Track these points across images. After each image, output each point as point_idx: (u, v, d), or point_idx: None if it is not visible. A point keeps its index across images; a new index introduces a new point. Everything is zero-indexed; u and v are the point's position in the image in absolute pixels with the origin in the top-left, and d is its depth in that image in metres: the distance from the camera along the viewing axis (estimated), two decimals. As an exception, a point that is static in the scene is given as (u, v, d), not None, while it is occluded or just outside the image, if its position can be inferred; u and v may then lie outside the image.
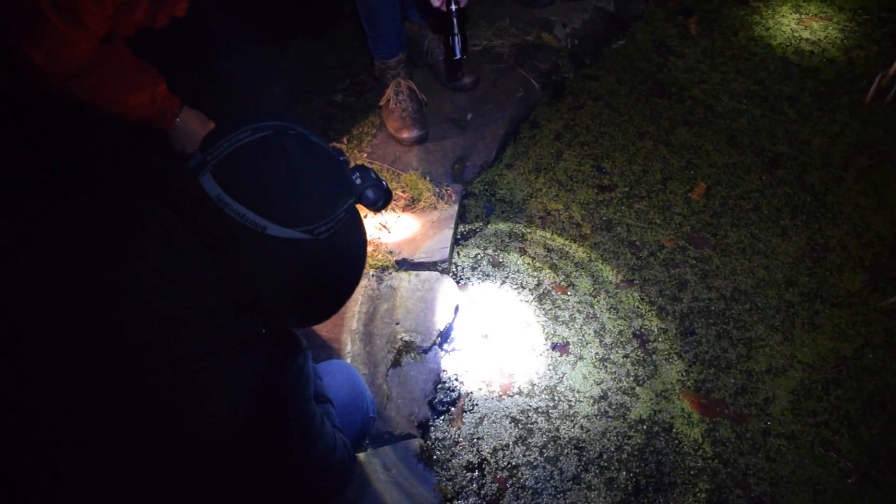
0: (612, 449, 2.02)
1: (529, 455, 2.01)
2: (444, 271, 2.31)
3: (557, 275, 2.38)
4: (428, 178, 2.49)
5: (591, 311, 2.30)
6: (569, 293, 2.34)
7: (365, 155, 2.60)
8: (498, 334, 2.25)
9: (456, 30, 2.24)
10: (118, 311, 1.02)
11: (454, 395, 2.12)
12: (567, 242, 2.47)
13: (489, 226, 2.53)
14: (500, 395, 2.12)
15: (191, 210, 1.04)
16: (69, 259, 1.05)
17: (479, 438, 2.04)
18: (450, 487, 1.94)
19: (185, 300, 1.03)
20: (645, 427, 2.06)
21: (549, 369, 2.17)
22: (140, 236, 1.04)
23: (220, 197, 1.01)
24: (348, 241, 1.14)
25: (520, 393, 2.12)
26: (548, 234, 2.49)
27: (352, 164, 1.19)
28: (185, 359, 1.03)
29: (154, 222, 1.05)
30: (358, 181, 1.17)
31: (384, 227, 2.37)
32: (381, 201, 1.21)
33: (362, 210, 1.23)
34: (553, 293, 2.34)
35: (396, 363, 2.09)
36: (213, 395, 1.06)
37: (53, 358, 1.03)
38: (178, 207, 1.05)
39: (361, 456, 1.89)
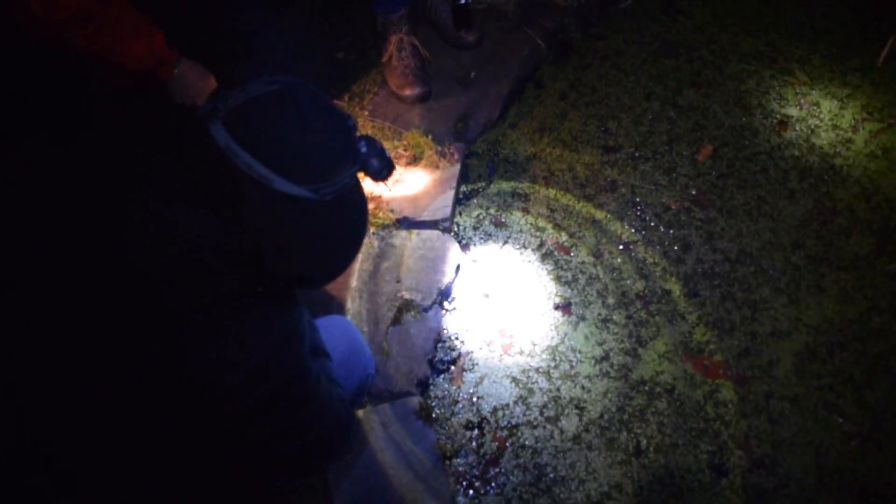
0: (614, 409, 2.00)
1: (529, 414, 1.99)
2: (446, 230, 2.28)
3: (560, 235, 2.35)
4: (430, 137, 2.45)
5: (594, 272, 2.27)
6: (572, 253, 2.31)
7: (366, 112, 2.55)
8: (499, 294, 2.22)
9: None
10: (114, 260, 1.00)
11: (454, 353, 2.10)
12: (571, 203, 2.43)
13: (492, 185, 2.49)
14: (501, 355, 2.10)
15: (196, 159, 1.02)
16: (64, 206, 1.03)
17: (478, 397, 2.03)
18: (449, 445, 1.93)
19: (182, 253, 1.01)
20: (647, 388, 2.04)
21: (551, 329, 2.15)
22: (138, 185, 1.02)
23: (228, 146, 0.98)
24: (351, 207, 1.13)
25: (521, 353, 2.10)
26: (551, 195, 2.45)
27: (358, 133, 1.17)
28: (181, 312, 1.02)
29: (153, 172, 1.02)
30: (364, 149, 1.15)
31: (385, 184, 2.33)
32: (384, 171, 1.19)
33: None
34: (556, 253, 2.31)
35: (397, 321, 2.07)
36: (207, 349, 1.05)
37: (44, 307, 1.02)
38: (181, 156, 1.03)
39: (360, 412, 1.88)
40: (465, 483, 1.88)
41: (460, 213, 2.41)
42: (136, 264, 1.00)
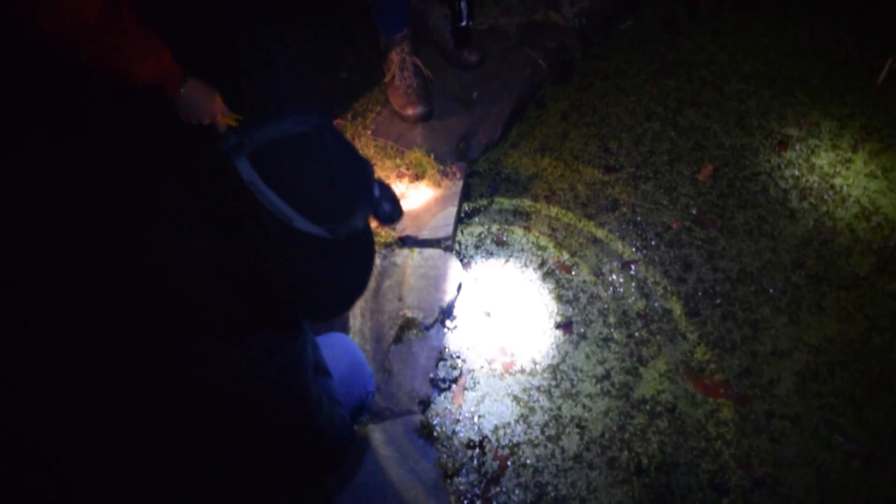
0: (615, 428, 2.00)
1: (531, 433, 2.00)
2: (448, 249, 2.29)
3: (562, 254, 2.36)
4: (432, 156, 2.47)
5: (595, 291, 2.28)
6: (573, 272, 2.32)
7: (369, 131, 2.57)
8: (501, 312, 2.23)
9: None
10: (121, 275, 1.01)
11: (456, 372, 2.11)
12: (572, 222, 2.45)
13: (493, 204, 2.51)
14: (502, 374, 2.10)
15: (214, 188, 1.02)
16: (71, 213, 1.03)
17: (480, 416, 2.03)
18: (450, 464, 1.93)
19: (190, 273, 1.02)
20: (648, 407, 2.04)
21: (552, 348, 2.15)
22: (149, 201, 1.02)
23: (253, 182, 0.99)
24: (361, 247, 1.15)
25: (522, 371, 2.11)
26: (552, 214, 2.47)
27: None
28: (186, 332, 1.03)
29: (165, 189, 1.03)
30: (377, 192, 1.18)
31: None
32: (394, 215, 1.25)
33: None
34: (557, 272, 2.32)
35: (399, 339, 2.08)
36: (211, 372, 1.06)
37: (48, 315, 1.02)
38: (197, 181, 1.04)
39: (361, 430, 1.88)
40: (466, 502, 1.88)
41: (462, 232, 2.42)
42: (144, 281, 1.01)
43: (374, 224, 2.30)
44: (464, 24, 2.26)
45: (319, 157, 1.03)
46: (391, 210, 1.21)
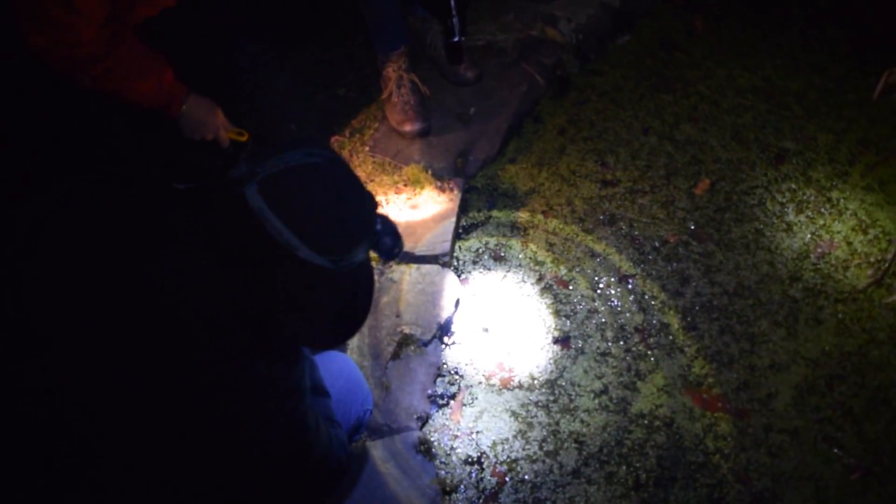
0: (613, 443, 2.00)
1: (529, 449, 2.00)
2: (446, 265, 2.30)
3: (559, 269, 2.37)
4: (430, 172, 2.48)
5: (593, 306, 2.28)
6: (570, 287, 2.33)
7: (367, 148, 2.59)
8: (499, 328, 2.23)
9: (454, 10, 2.23)
10: (129, 310, 1.03)
11: (454, 388, 2.11)
12: (569, 237, 2.45)
13: (491, 219, 2.52)
14: (500, 389, 2.11)
15: (221, 216, 1.05)
16: (84, 255, 1.06)
17: (478, 432, 2.03)
18: (448, 480, 1.93)
19: (195, 307, 1.04)
20: (646, 422, 2.04)
21: (550, 363, 2.15)
22: (158, 239, 1.05)
23: (261, 210, 1.02)
24: (362, 279, 1.18)
25: (520, 387, 2.11)
26: (550, 228, 2.48)
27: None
28: (191, 364, 1.04)
29: (174, 226, 1.06)
30: (378, 226, 1.20)
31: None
32: (395, 250, 1.27)
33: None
34: (554, 287, 2.33)
35: (396, 356, 2.09)
36: (215, 399, 1.07)
37: (61, 346, 1.04)
38: (205, 211, 1.06)
39: (359, 446, 1.88)
40: (464, 518, 1.88)
41: (459, 248, 2.43)
42: (151, 316, 1.03)
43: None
44: (456, 39, 2.28)
45: (328, 189, 1.06)
46: (392, 244, 1.24)
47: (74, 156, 1.97)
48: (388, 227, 1.23)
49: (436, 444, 2.00)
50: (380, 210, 1.28)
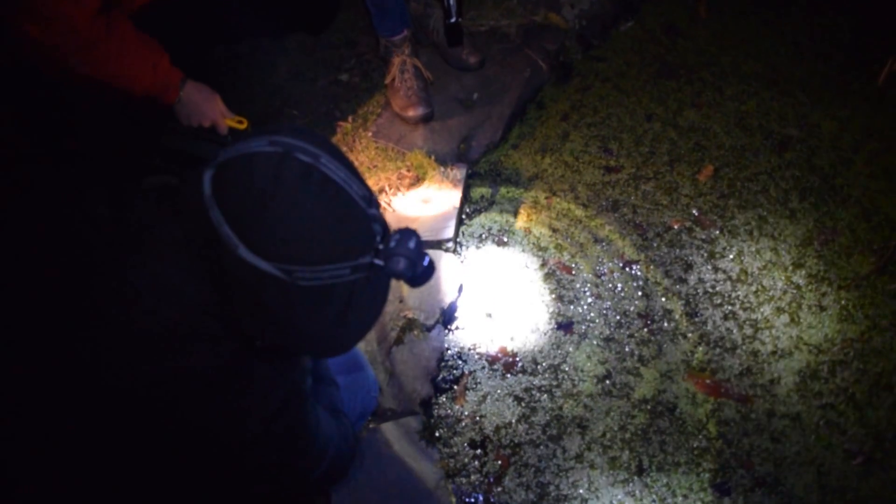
0: (616, 428, 2.01)
1: (532, 433, 2.00)
2: (449, 250, 2.30)
3: (562, 254, 2.37)
4: (433, 157, 2.47)
5: (596, 291, 2.28)
6: (574, 273, 2.32)
7: (370, 134, 2.58)
8: (502, 313, 2.23)
9: None
10: (112, 320, 0.98)
11: (457, 372, 2.11)
12: (572, 223, 2.45)
13: (494, 205, 2.51)
14: (504, 374, 2.11)
15: (185, 208, 0.97)
16: (55, 259, 1.00)
17: (481, 416, 2.03)
18: (452, 464, 1.93)
19: (180, 315, 0.99)
20: (649, 407, 2.05)
21: (553, 348, 2.16)
22: (139, 244, 0.99)
23: (209, 198, 0.92)
24: (346, 304, 1.00)
25: (523, 371, 2.11)
26: (553, 215, 2.47)
27: (397, 228, 1.02)
28: (180, 376, 1.00)
29: (155, 230, 1.00)
30: (392, 244, 0.99)
31: (389, 205, 2.36)
32: (414, 275, 1.01)
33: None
34: (558, 273, 2.33)
35: (400, 341, 2.09)
36: (208, 410, 1.04)
37: (39, 366, 1.00)
38: (176, 203, 1.00)
39: (363, 432, 1.88)
40: (468, 502, 1.88)
41: (463, 233, 2.43)
42: (134, 325, 0.98)
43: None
44: (453, 20, 2.26)
45: (270, 184, 0.91)
46: (404, 269, 0.98)
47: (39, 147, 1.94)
48: (406, 248, 0.98)
49: (440, 428, 2.00)
50: (406, 228, 1.02)
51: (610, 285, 2.30)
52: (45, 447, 1.02)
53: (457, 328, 2.20)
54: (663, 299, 2.26)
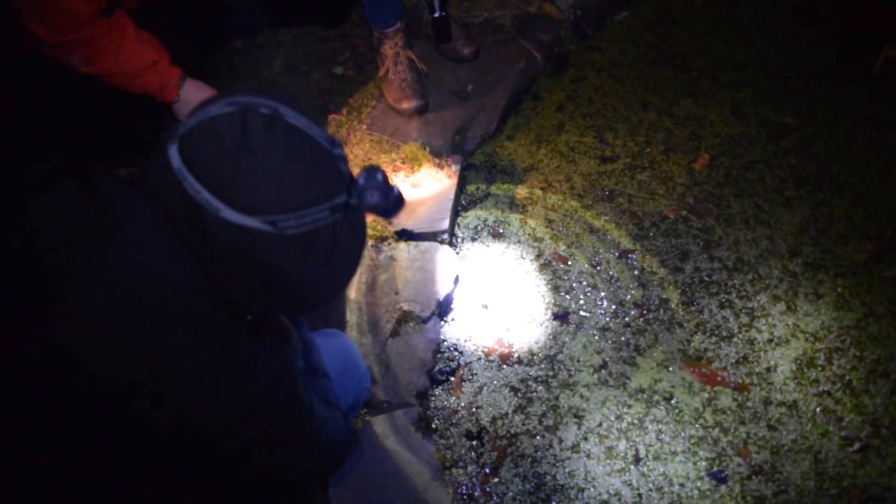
0: (612, 418, 2.01)
1: (528, 424, 2.00)
2: (444, 241, 2.29)
3: (558, 245, 2.37)
4: (428, 149, 2.47)
5: (592, 281, 2.28)
6: (569, 263, 2.32)
7: (365, 126, 2.58)
8: (498, 304, 2.23)
9: None
10: (87, 311, 0.97)
11: (453, 364, 2.11)
12: (568, 213, 2.45)
13: (489, 196, 2.51)
14: (500, 365, 2.11)
15: (157, 185, 0.98)
16: (35, 253, 1.00)
17: (478, 407, 2.03)
18: (448, 455, 1.93)
19: (164, 297, 0.98)
20: (645, 396, 2.04)
21: (549, 338, 2.15)
22: (115, 231, 0.99)
23: (180, 169, 0.93)
24: (331, 245, 1.02)
25: (519, 362, 2.11)
26: (549, 205, 2.47)
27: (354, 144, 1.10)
28: (165, 356, 1.00)
29: (130, 215, 0.99)
30: (361, 181, 1.03)
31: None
32: (387, 208, 1.06)
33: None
34: (554, 263, 2.32)
35: (395, 333, 2.08)
36: (196, 390, 1.03)
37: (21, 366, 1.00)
38: (147, 183, 1.00)
39: (359, 423, 1.88)
40: (464, 493, 1.88)
41: (458, 225, 2.42)
42: (116, 308, 0.97)
43: (367, 216, 2.30)
44: (437, 14, 2.25)
45: (238, 139, 0.94)
46: (377, 202, 1.04)
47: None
48: (374, 181, 1.03)
49: (436, 419, 2.00)
50: (371, 165, 1.09)
51: (606, 275, 2.29)
52: (30, 440, 1.02)
53: (453, 320, 2.20)
54: (659, 288, 2.26)
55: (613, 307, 2.22)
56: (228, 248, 0.96)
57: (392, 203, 1.06)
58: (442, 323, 2.17)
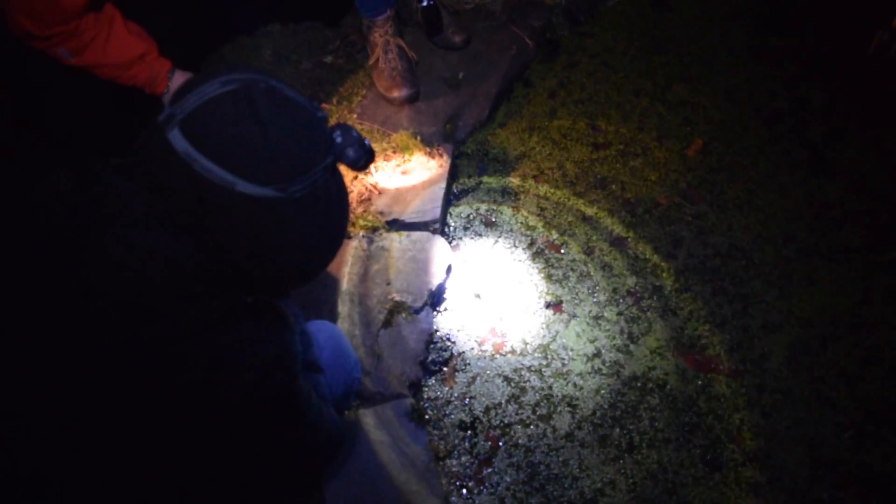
0: (606, 406, 2.00)
1: (522, 413, 1.99)
2: (436, 231, 2.27)
3: (551, 233, 2.35)
4: (419, 138, 2.44)
5: (585, 269, 2.27)
6: (562, 251, 2.31)
7: (355, 115, 2.55)
8: (490, 294, 2.22)
9: None
10: (88, 295, 0.99)
11: (446, 354, 2.10)
12: (561, 201, 2.43)
13: (481, 185, 2.49)
14: (493, 355, 2.10)
15: (157, 170, 0.99)
16: (31, 241, 1.02)
17: (471, 397, 2.02)
18: (442, 446, 1.92)
19: (160, 278, 0.99)
20: (639, 384, 2.04)
21: (543, 328, 2.14)
22: (107, 215, 1.00)
23: (186, 152, 0.96)
24: (327, 202, 1.09)
25: (512, 352, 2.10)
26: (541, 193, 2.45)
27: (332, 122, 1.14)
28: (162, 339, 1.01)
29: (121, 198, 1.01)
30: (339, 139, 1.11)
31: (375, 187, 2.33)
32: (361, 160, 1.15)
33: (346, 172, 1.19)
34: (546, 252, 2.31)
35: (388, 323, 2.07)
36: (193, 373, 1.04)
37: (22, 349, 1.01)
38: (144, 170, 1.01)
39: (351, 415, 1.87)
40: (458, 483, 1.88)
41: (450, 214, 2.41)
42: (119, 292, 0.99)
43: (360, 206, 2.28)
44: (424, 3, 2.23)
45: (248, 115, 0.99)
46: (356, 155, 1.13)
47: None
48: (350, 137, 1.12)
49: (429, 410, 1.99)
50: (342, 122, 1.15)
51: (599, 263, 2.28)
52: (41, 429, 1.02)
53: (445, 310, 2.19)
54: (653, 276, 2.25)
55: (606, 295, 2.21)
56: (244, 219, 1.00)
57: (365, 156, 1.15)
58: (434, 313, 2.16)
